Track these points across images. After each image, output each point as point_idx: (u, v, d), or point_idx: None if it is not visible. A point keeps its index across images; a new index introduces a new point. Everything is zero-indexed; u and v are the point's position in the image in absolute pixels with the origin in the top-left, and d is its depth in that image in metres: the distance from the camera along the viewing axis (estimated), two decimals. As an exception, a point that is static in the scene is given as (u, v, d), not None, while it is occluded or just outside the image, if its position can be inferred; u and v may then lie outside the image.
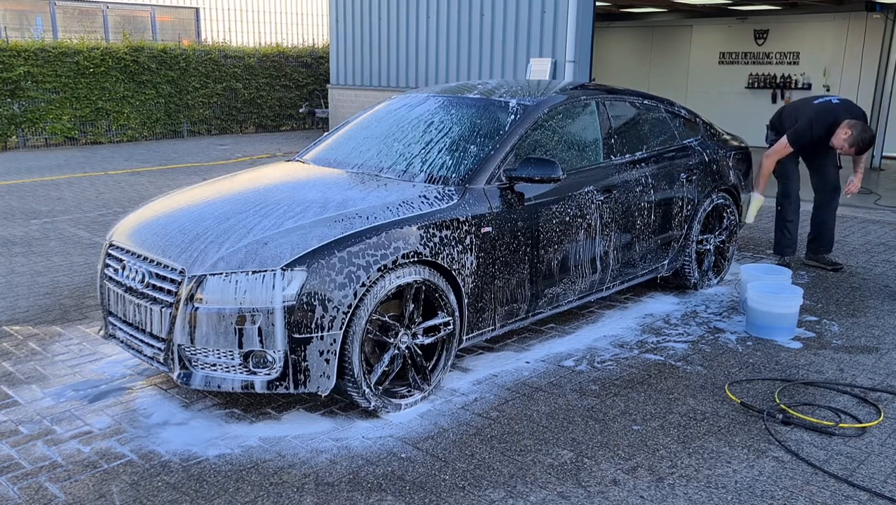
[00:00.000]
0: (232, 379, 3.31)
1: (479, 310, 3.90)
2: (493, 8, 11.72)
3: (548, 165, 3.90)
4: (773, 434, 3.43)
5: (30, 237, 6.96)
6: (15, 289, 5.45)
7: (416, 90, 5.20)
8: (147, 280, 3.50)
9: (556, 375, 4.06)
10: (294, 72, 17.04)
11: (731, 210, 5.68)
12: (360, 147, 4.61)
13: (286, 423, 3.50)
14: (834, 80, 13.66)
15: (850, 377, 4.08)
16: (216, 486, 2.98)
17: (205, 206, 3.87)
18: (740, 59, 14.89)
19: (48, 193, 9.14)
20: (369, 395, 3.46)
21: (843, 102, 5.86)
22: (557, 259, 4.26)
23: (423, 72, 13.09)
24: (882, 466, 3.19)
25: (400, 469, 3.11)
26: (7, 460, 3.14)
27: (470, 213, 3.79)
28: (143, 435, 3.36)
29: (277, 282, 3.21)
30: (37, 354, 4.26)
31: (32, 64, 13.09)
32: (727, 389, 3.87)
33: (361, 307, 3.35)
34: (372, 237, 3.41)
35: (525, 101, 4.47)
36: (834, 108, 5.78)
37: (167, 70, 14.80)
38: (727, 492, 2.98)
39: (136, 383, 3.90)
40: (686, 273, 5.41)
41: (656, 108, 5.31)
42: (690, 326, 4.84)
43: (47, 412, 3.57)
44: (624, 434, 3.43)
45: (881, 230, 7.66)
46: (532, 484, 3.01)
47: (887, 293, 5.56)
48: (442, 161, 4.14)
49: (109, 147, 13.80)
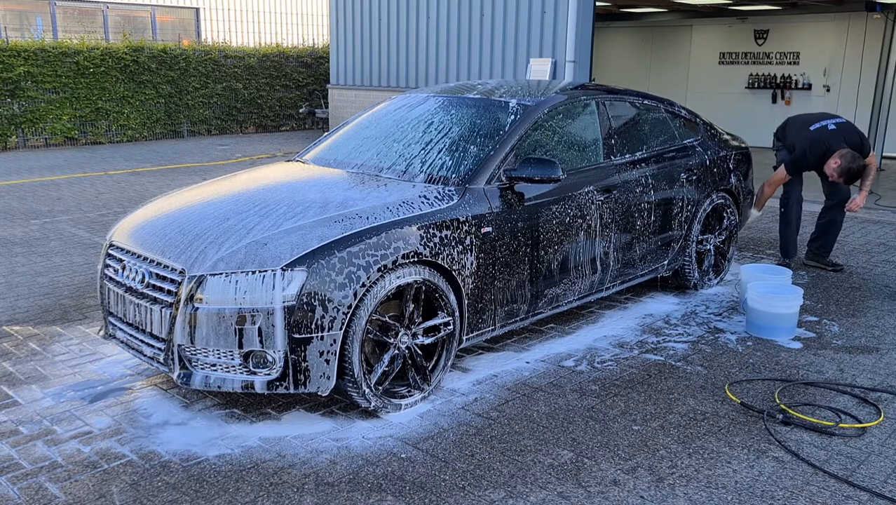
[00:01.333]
0: (232, 379, 3.31)
1: (479, 310, 3.90)
2: (493, 8, 11.72)
3: (548, 165, 3.90)
4: (773, 434, 3.43)
5: (30, 237, 6.96)
6: (15, 289, 5.45)
7: (416, 90, 5.20)
8: (147, 280, 3.50)
9: (556, 375, 4.06)
10: (294, 72, 17.04)
11: (731, 210, 5.68)
12: (360, 147, 4.61)
13: (286, 423, 3.50)
14: (834, 80, 13.66)
15: (850, 377, 4.08)
16: (216, 486, 2.98)
17: (205, 206, 3.87)
18: (740, 59, 14.89)
19: (48, 193, 9.14)
20: (369, 395, 3.46)
21: (839, 128, 5.82)
22: (557, 259, 4.26)
23: (423, 72, 13.09)
24: (882, 466, 3.19)
25: (400, 469, 3.11)
26: (7, 460, 3.14)
27: (470, 213, 3.79)
28: (143, 435, 3.36)
29: (277, 282, 3.21)
30: (37, 355, 4.26)
31: (32, 64, 13.09)
32: (727, 390, 3.87)
33: (361, 307, 3.35)
34: (372, 237, 3.41)
35: (525, 101, 4.47)
36: (828, 138, 5.76)
37: (167, 70, 14.80)
38: (727, 492, 2.98)
39: (136, 383, 3.90)
40: (686, 273, 5.40)
41: (656, 108, 5.31)
42: (690, 327, 4.84)
43: (47, 412, 3.57)
44: (624, 434, 3.43)
45: (881, 230, 7.66)
46: (532, 484, 3.01)
47: (887, 293, 5.56)
48: (442, 161, 4.14)
49: (109, 147, 13.80)
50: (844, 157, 5.64)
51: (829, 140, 5.76)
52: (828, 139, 5.76)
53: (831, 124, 5.86)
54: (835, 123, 5.87)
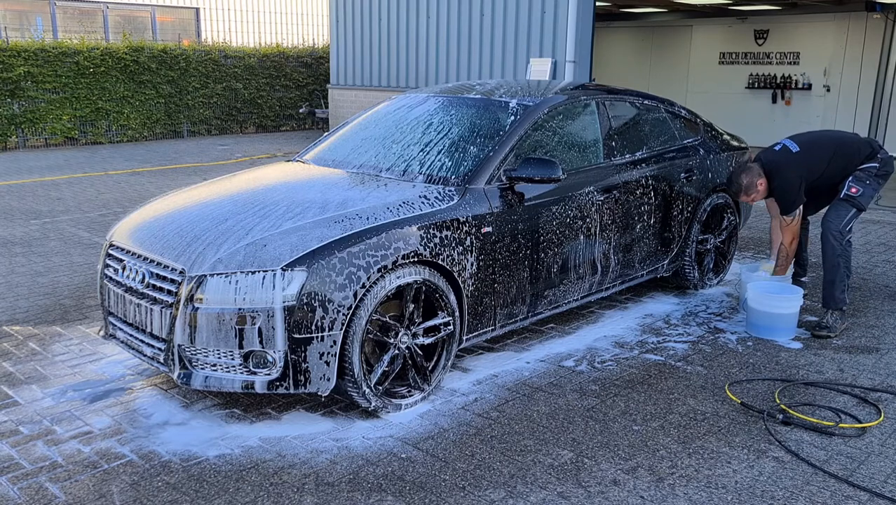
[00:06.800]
0: (232, 379, 3.31)
1: (480, 310, 3.90)
2: (493, 8, 11.72)
3: (548, 165, 3.90)
4: (773, 434, 3.43)
5: (30, 237, 6.96)
6: (15, 289, 5.45)
7: (416, 90, 5.20)
8: (147, 280, 3.50)
9: (557, 375, 4.06)
10: (294, 72, 17.04)
11: (731, 210, 5.68)
12: (360, 147, 4.61)
13: (286, 423, 3.50)
14: (834, 80, 13.66)
15: (850, 377, 4.08)
16: (216, 486, 2.98)
17: (205, 206, 3.87)
18: (740, 59, 14.89)
19: (48, 193, 9.14)
20: (369, 395, 3.46)
21: (769, 151, 5.02)
22: (558, 260, 4.26)
23: (423, 72, 13.09)
24: (882, 466, 3.19)
25: (400, 469, 3.11)
26: (7, 460, 3.14)
27: (470, 213, 3.79)
28: (143, 435, 3.36)
29: (277, 282, 3.21)
30: (37, 355, 4.26)
31: (32, 64, 13.09)
32: (727, 390, 3.87)
33: (361, 308, 3.35)
34: (372, 238, 3.41)
35: (525, 101, 4.47)
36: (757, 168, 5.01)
37: (167, 70, 14.80)
38: (727, 492, 2.98)
39: (136, 383, 3.90)
40: (686, 273, 5.41)
41: (656, 108, 5.31)
42: (690, 326, 4.84)
43: (47, 412, 3.57)
44: (624, 434, 3.43)
45: (881, 230, 7.66)
46: (532, 484, 3.01)
47: (887, 293, 5.56)
48: (442, 161, 4.14)
49: (109, 147, 13.80)
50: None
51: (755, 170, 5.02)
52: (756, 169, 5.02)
53: (777, 146, 5.03)
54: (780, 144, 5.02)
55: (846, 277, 4.77)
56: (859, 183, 4.77)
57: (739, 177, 4.87)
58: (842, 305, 4.77)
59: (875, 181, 4.82)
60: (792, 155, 4.81)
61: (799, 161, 4.79)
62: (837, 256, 4.71)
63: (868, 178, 4.79)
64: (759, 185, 4.84)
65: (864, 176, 4.80)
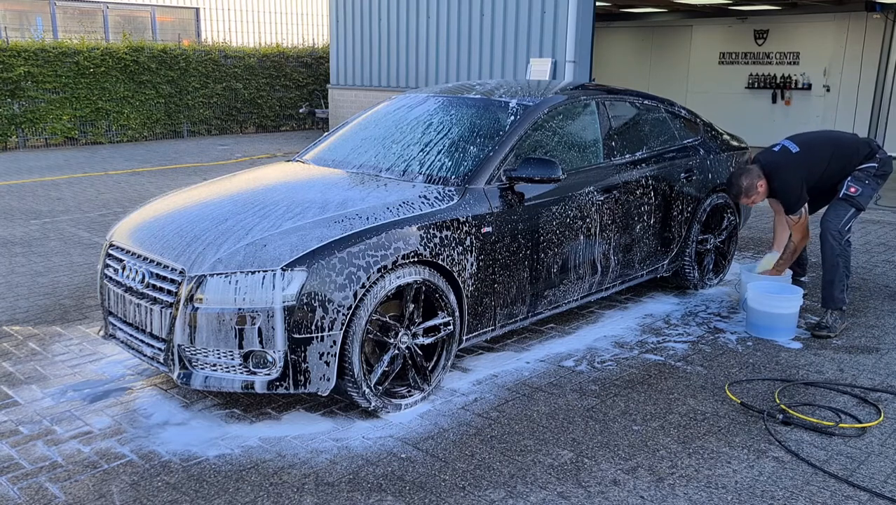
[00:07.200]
0: (232, 379, 3.31)
1: (479, 310, 3.90)
2: (493, 8, 11.72)
3: (548, 165, 3.90)
4: (773, 434, 3.43)
5: (30, 237, 6.96)
6: (15, 289, 5.45)
7: (416, 90, 5.20)
8: (147, 280, 3.50)
9: (556, 375, 4.06)
10: (294, 72, 17.04)
11: (731, 210, 5.67)
12: (359, 147, 4.61)
13: (286, 423, 3.50)
14: (834, 80, 13.66)
15: (850, 377, 4.08)
16: (216, 486, 2.98)
17: (205, 206, 3.87)
18: (740, 59, 14.89)
19: (48, 193, 9.14)
20: (369, 395, 3.46)
21: (768, 152, 4.99)
22: (558, 260, 4.26)
23: (423, 72, 13.09)
24: (882, 466, 3.19)
25: (400, 469, 3.11)
26: (7, 460, 3.14)
27: (470, 213, 3.79)
28: (143, 435, 3.36)
29: (277, 282, 3.21)
30: (37, 355, 4.26)
31: (32, 64, 13.09)
32: (727, 390, 3.87)
33: (361, 308, 3.35)
34: (372, 238, 3.41)
35: (525, 101, 4.47)
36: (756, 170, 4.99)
37: (167, 70, 14.80)
38: (727, 492, 2.98)
39: (136, 383, 3.90)
40: (686, 273, 5.40)
41: (656, 108, 5.31)
42: (690, 326, 4.84)
43: (47, 412, 3.57)
44: (624, 434, 3.43)
45: (881, 230, 7.66)
46: (532, 484, 3.01)
47: (887, 293, 5.56)
48: (442, 161, 4.14)
49: (109, 147, 13.80)
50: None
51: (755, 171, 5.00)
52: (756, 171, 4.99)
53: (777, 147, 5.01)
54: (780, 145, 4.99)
55: (845, 276, 4.77)
56: (858, 183, 4.78)
57: (739, 179, 4.87)
58: (841, 304, 4.77)
59: (874, 181, 4.82)
60: (791, 155, 4.82)
61: (799, 161, 4.79)
62: (837, 255, 4.71)
63: (867, 178, 4.80)
64: (760, 187, 4.84)
65: (863, 176, 4.80)
